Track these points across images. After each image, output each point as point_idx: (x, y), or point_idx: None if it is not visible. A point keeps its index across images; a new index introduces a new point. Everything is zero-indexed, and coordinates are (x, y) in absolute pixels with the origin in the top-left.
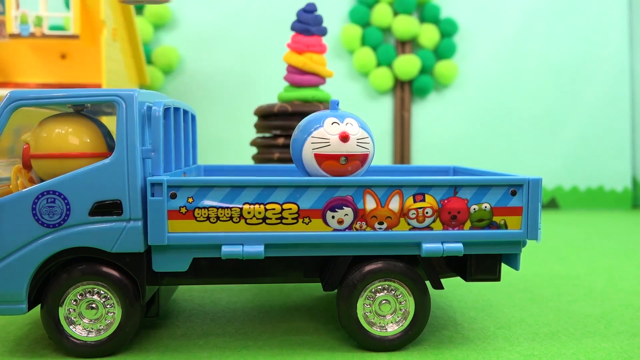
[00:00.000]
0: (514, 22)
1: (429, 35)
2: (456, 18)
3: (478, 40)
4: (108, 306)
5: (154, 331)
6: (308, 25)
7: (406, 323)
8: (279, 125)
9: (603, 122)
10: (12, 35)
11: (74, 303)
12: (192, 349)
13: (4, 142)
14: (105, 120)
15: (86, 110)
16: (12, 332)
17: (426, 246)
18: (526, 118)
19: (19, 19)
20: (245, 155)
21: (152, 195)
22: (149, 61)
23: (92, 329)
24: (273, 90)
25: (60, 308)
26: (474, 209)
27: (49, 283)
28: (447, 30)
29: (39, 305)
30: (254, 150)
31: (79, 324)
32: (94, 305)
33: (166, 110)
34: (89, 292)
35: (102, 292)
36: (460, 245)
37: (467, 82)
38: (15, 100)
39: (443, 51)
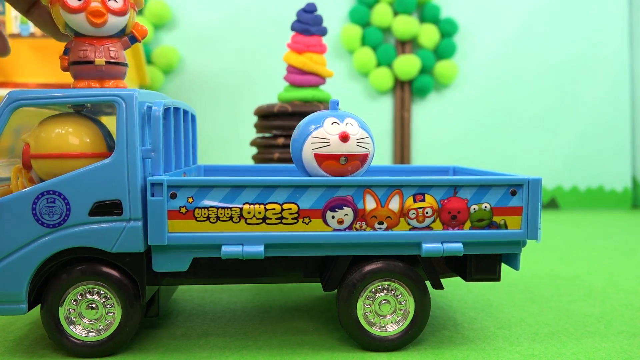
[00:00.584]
0: (514, 22)
1: (429, 35)
2: (456, 18)
3: (478, 40)
4: (108, 306)
5: (154, 331)
6: (308, 25)
7: (406, 323)
8: (279, 125)
9: (603, 122)
10: (12, 35)
11: (74, 303)
12: (192, 349)
13: (4, 142)
14: (105, 120)
15: (86, 110)
16: (12, 332)
17: (426, 246)
18: (526, 118)
19: (19, 19)
20: (245, 155)
21: (152, 195)
22: (149, 61)
23: (92, 329)
24: (273, 90)
25: (60, 308)
26: (474, 209)
27: (49, 283)
28: (447, 30)
29: (39, 305)
30: (254, 150)
31: (79, 324)
32: (94, 305)
33: (166, 110)
34: (89, 292)
35: (102, 292)
36: (460, 245)
37: (467, 82)
38: (15, 100)
39: (443, 51)
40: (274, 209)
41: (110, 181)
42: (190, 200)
